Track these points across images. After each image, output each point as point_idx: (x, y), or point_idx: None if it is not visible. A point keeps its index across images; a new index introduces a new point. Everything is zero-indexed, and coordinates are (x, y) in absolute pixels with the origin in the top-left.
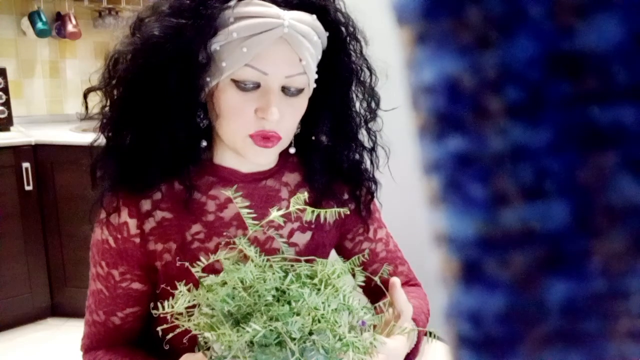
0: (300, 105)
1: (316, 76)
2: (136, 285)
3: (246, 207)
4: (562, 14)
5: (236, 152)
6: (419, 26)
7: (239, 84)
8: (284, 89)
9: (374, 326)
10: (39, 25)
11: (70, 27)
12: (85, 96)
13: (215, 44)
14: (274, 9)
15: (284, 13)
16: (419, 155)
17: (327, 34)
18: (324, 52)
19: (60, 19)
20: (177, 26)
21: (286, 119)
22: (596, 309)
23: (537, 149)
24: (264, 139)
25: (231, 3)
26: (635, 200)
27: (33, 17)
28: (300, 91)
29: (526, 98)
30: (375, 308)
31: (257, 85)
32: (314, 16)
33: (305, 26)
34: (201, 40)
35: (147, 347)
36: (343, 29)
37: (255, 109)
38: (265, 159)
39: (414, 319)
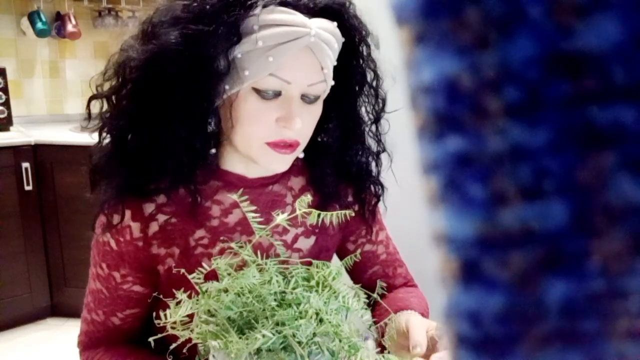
0: (317, 112)
1: (333, 82)
2: (137, 288)
3: (252, 211)
4: (562, 14)
5: (249, 159)
6: (418, 26)
7: (261, 93)
8: (303, 97)
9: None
10: (39, 25)
11: (70, 27)
12: (88, 103)
13: (237, 52)
14: (299, 17)
15: (310, 21)
16: (418, 155)
17: (343, 39)
18: (339, 58)
19: (60, 18)
20: (198, 33)
21: (305, 126)
22: (595, 309)
23: (536, 149)
24: (283, 146)
25: (256, 11)
26: (635, 200)
27: (33, 17)
28: (317, 98)
29: (525, 98)
30: (379, 327)
31: (278, 93)
32: (335, 24)
33: (329, 35)
34: (223, 48)
35: (146, 345)
36: (356, 34)
37: (276, 117)
38: (283, 166)
39: None
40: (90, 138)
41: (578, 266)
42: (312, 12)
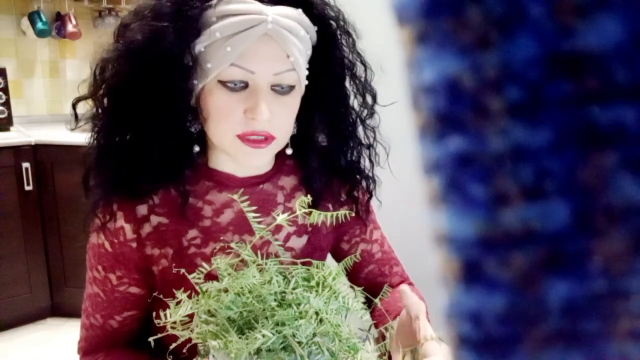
0: (292, 104)
1: (307, 72)
2: (133, 289)
3: (248, 211)
4: (563, 14)
5: (229, 155)
6: (420, 26)
7: (227, 85)
8: (274, 88)
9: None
10: (39, 25)
11: (70, 27)
12: (74, 106)
13: (199, 46)
14: (256, 5)
15: (267, 9)
16: (419, 155)
17: (315, 28)
18: (315, 48)
19: (60, 19)
20: (159, 29)
21: (278, 118)
22: (597, 309)
23: (537, 149)
24: (255, 141)
25: (212, 2)
26: (636, 200)
27: (33, 17)
28: (291, 88)
29: (526, 98)
30: (379, 334)
31: (245, 85)
32: (300, 10)
33: (291, 21)
34: (184, 42)
35: (145, 347)
36: (332, 22)
37: (244, 109)
38: (258, 160)
39: None
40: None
41: (579, 266)
42: (274, 0)
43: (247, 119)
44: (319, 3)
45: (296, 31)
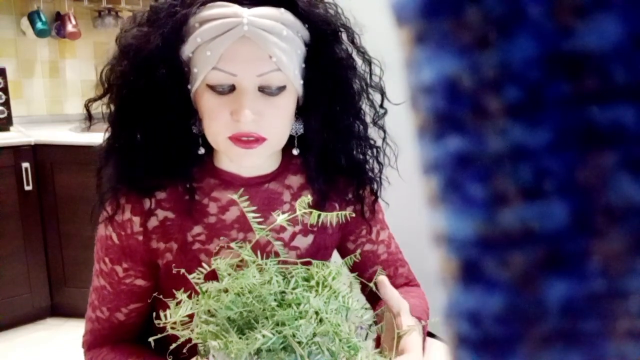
0: (284, 104)
1: (297, 72)
2: (140, 282)
3: (248, 212)
4: (562, 14)
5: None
6: (419, 26)
7: (214, 88)
8: (263, 89)
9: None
10: (39, 25)
11: (69, 27)
12: (87, 107)
13: (187, 51)
14: (233, 8)
15: (244, 11)
16: (418, 155)
17: (305, 26)
18: (311, 46)
19: (59, 19)
20: (146, 35)
21: (268, 119)
22: (595, 309)
23: (536, 149)
24: (245, 142)
25: (193, 9)
26: (635, 200)
27: (33, 17)
28: (281, 89)
29: (525, 98)
30: (377, 316)
31: (233, 88)
32: (282, 9)
33: (270, 21)
34: (170, 48)
35: (147, 345)
36: (323, 20)
37: (231, 111)
38: (250, 160)
39: (417, 317)
40: (90, 138)
41: (578, 266)
42: (254, 2)
43: (234, 121)
44: (305, 1)
45: (277, 31)
